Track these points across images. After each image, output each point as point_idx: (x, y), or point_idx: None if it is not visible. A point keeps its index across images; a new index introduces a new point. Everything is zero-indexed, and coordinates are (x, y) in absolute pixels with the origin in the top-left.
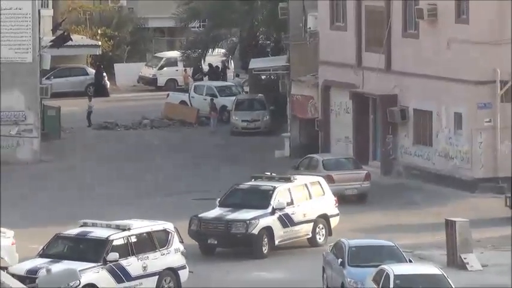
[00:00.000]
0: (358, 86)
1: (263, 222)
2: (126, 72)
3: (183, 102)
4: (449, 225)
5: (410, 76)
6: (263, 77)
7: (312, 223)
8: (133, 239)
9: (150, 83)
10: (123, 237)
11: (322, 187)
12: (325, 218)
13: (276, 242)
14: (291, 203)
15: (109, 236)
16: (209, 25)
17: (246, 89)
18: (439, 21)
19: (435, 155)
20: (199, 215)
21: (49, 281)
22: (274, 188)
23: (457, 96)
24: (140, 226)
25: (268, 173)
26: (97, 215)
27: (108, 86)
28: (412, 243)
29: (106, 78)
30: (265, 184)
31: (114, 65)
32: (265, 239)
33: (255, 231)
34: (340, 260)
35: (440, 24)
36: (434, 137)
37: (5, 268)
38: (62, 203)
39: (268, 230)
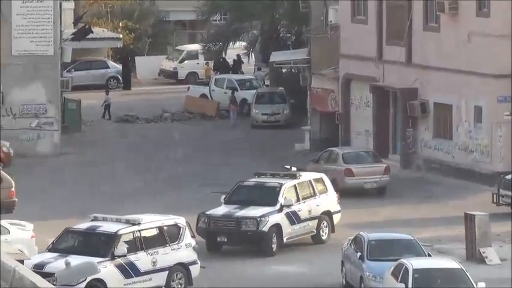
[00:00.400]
0: (379, 79)
1: (272, 220)
2: (147, 65)
3: (203, 95)
4: (469, 219)
5: (430, 70)
6: (284, 70)
7: (317, 220)
8: (143, 234)
9: (171, 76)
10: (132, 232)
11: (325, 184)
12: (328, 214)
13: (284, 240)
14: (297, 200)
15: (118, 230)
16: (230, 18)
17: (267, 82)
18: (460, 15)
19: (455, 148)
20: (207, 212)
21: (68, 274)
22: (281, 184)
23: (477, 90)
24: (150, 221)
25: (288, 166)
26: (116, 209)
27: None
28: (431, 236)
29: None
30: (271, 181)
31: (135, 58)
32: (274, 236)
33: (265, 228)
34: (359, 253)
35: (461, 17)
36: (454, 130)
37: (21, 261)
38: (82, 196)
39: (277, 227)
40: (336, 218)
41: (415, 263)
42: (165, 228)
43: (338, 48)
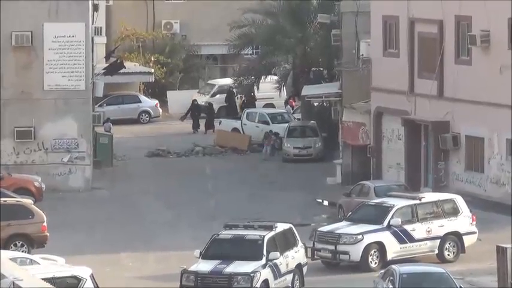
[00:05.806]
0: (410, 112)
1: (263, 275)
2: (179, 99)
3: (235, 129)
4: (501, 252)
5: (462, 102)
6: (316, 103)
7: (292, 274)
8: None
9: (203, 111)
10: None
11: (294, 235)
12: (299, 268)
13: None
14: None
15: None
16: (262, 52)
17: (298, 115)
18: (491, 48)
19: (487, 181)
20: (192, 269)
21: None
22: (263, 237)
23: (509, 123)
24: (41, 272)
25: (320, 200)
26: (145, 243)
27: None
28: (463, 269)
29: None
30: (249, 233)
31: (167, 92)
32: None
33: (258, 284)
34: (391, 287)
35: (492, 50)
36: (486, 163)
37: None
38: (113, 231)
39: (265, 283)
40: (304, 271)
41: None
42: (56, 280)
43: (369, 81)
